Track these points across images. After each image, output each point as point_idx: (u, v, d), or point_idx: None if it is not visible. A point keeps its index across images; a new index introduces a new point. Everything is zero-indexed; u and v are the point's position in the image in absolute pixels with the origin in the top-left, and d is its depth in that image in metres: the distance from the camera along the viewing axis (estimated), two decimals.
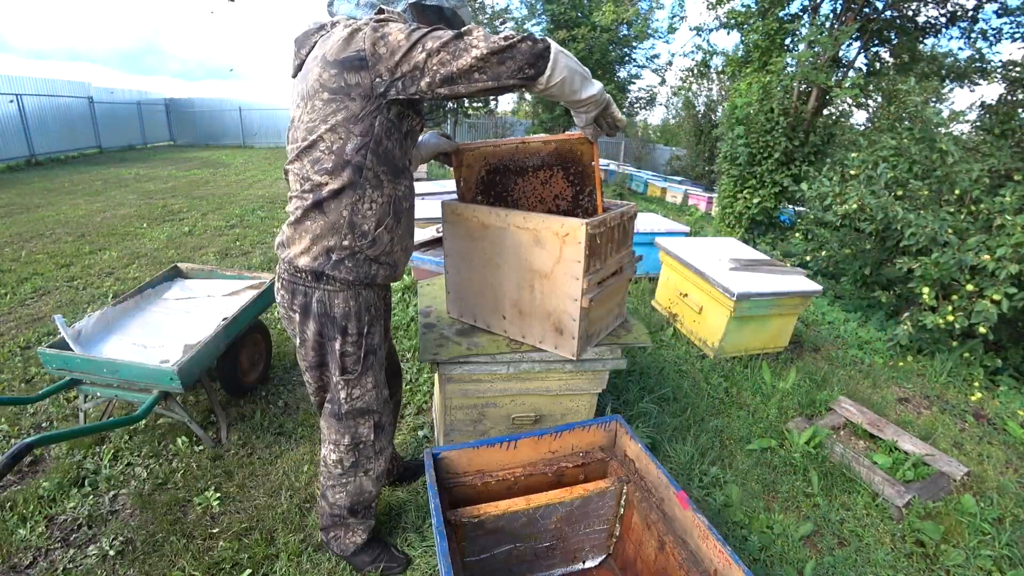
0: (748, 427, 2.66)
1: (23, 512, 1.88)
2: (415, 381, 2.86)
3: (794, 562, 1.89)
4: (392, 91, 1.18)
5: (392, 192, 1.34)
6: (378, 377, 1.50)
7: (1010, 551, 1.98)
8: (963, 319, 3.14)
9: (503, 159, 1.72)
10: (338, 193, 1.26)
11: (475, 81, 1.13)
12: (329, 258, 1.30)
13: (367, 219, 1.30)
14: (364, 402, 1.49)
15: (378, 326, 1.46)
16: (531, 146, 1.66)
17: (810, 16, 6.50)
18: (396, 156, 1.31)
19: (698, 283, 3.41)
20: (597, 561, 1.67)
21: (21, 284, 4.03)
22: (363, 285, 1.37)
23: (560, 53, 1.16)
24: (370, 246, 1.33)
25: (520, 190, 1.74)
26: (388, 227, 1.35)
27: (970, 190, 3.45)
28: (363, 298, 1.39)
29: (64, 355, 2.03)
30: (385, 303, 1.57)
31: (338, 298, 1.36)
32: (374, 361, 1.47)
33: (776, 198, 6.53)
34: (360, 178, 1.26)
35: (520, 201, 1.75)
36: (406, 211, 1.41)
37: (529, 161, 1.68)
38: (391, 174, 1.32)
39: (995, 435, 2.80)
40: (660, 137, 20.28)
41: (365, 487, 1.60)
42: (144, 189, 8.47)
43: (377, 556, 1.69)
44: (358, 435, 1.52)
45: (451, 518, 1.37)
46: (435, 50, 1.11)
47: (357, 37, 1.16)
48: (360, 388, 1.46)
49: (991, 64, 5.82)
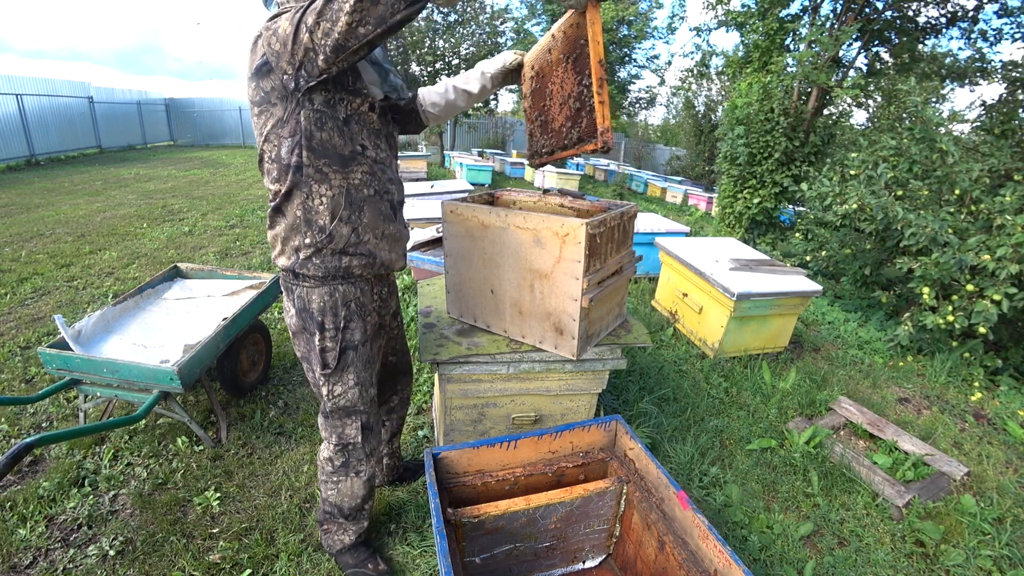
0: (748, 427, 2.66)
1: (23, 512, 1.88)
2: (415, 381, 2.86)
3: (794, 562, 1.89)
4: (302, 82, 1.15)
5: (343, 183, 1.30)
6: (361, 375, 1.46)
7: (1010, 551, 1.98)
8: (963, 319, 3.14)
9: (539, 60, 1.53)
10: (288, 196, 1.28)
11: (364, 36, 1.04)
12: (298, 257, 1.33)
13: (320, 215, 1.29)
14: (347, 400, 1.46)
15: (359, 322, 1.43)
16: (551, 39, 1.46)
17: (810, 16, 6.49)
18: (338, 145, 1.27)
19: (698, 283, 3.41)
20: (597, 561, 1.67)
21: (21, 284, 4.03)
22: (339, 279, 1.37)
23: None
24: (329, 240, 1.31)
25: (551, 94, 1.52)
26: (345, 219, 1.32)
27: (970, 190, 3.45)
28: (340, 293, 1.38)
29: (64, 355, 2.03)
30: (377, 297, 1.51)
31: (315, 294, 1.36)
32: (355, 358, 1.44)
33: (776, 198, 6.53)
34: (302, 177, 1.25)
35: (550, 108, 1.52)
36: (369, 198, 1.35)
37: (550, 57, 1.48)
38: (337, 164, 1.28)
39: (995, 435, 2.80)
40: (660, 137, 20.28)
41: (356, 490, 1.58)
42: (144, 189, 8.47)
43: (360, 562, 1.68)
44: (345, 436, 1.51)
45: (451, 518, 1.37)
46: (315, 25, 1.04)
47: (258, 44, 1.17)
48: (341, 385, 1.44)
49: (991, 64, 5.82)
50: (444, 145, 14.77)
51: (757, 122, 6.47)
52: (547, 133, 1.55)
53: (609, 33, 12.81)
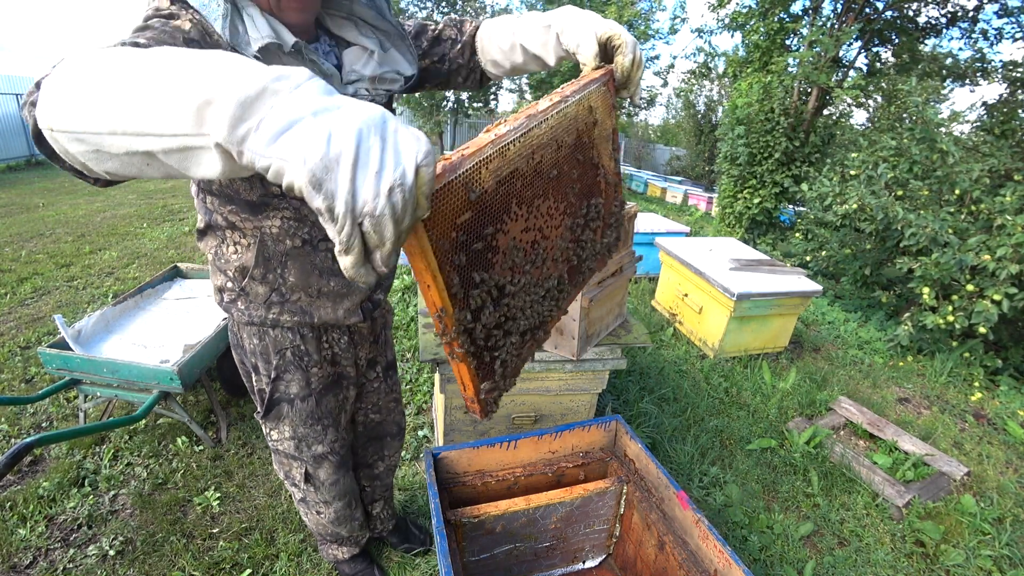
0: (748, 427, 2.66)
1: (23, 512, 1.88)
2: (415, 381, 2.86)
3: (794, 562, 1.89)
4: None
5: (256, 231, 1.02)
6: (300, 431, 1.26)
7: (1010, 551, 1.98)
8: (963, 319, 3.14)
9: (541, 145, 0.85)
10: (203, 234, 1.09)
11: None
12: (221, 297, 1.14)
13: (230, 264, 1.07)
14: (284, 448, 1.30)
15: (298, 373, 1.19)
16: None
17: (811, 16, 6.50)
18: (241, 188, 0.98)
19: (698, 283, 3.41)
20: (597, 561, 1.67)
21: (21, 284, 4.03)
22: (267, 325, 1.14)
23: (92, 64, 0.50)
24: (246, 295, 1.10)
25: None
26: (259, 277, 1.06)
27: (970, 190, 3.45)
28: (272, 338, 1.15)
29: (64, 355, 2.03)
30: (330, 346, 1.23)
31: (245, 333, 1.17)
32: (290, 412, 1.23)
33: (776, 198, 6.53)
34: (211, 220, 1.05)
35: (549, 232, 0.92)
36: (294, 250, 1.05)
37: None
38: (246, 211, 1.00)
39: (995, 435, 2.80)
40: (660, 137, 20.29)
41: (323, 522, 1.47)
42: (144, 189, 8.47)
43: (357, 572, 1.67)
44: (291, 476, 1.37)
45: (451, 518, 1.37)
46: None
47: None
48: (277, 433, 1.28)
49: (991, 64, 5.82)
50: (444, 145, 14.77)
51: (757, 122, 6.47)
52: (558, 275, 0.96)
53: None
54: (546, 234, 0.85)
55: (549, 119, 0.79)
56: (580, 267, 0.96)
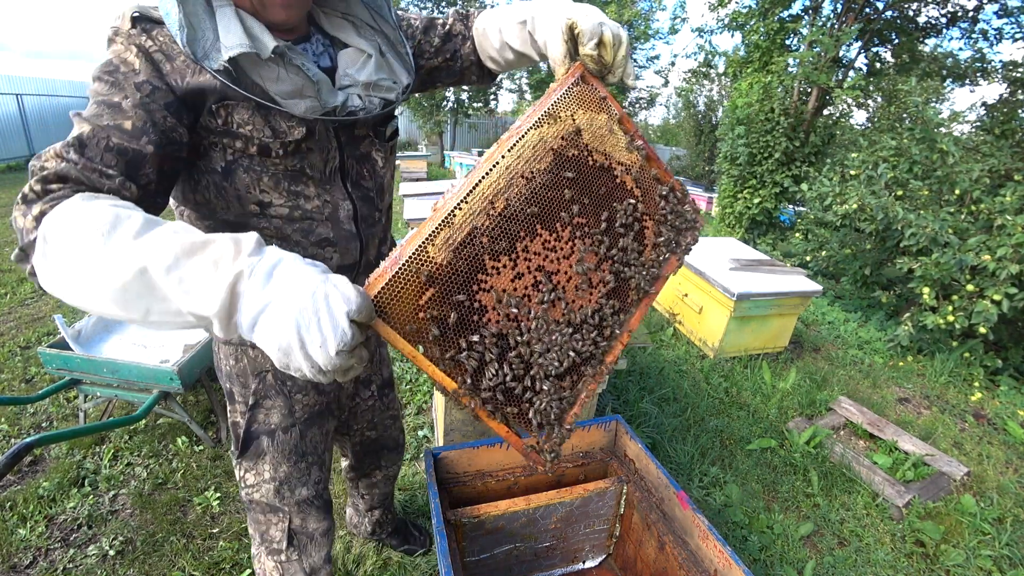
0: (748, 427, 2.66)
1: (23, 512, 1.88)
2: (415, 381, 2.86)
3: (794, 562, 1.89)
4: None
5: None
6: (282, 470, 1.09)
7: (1010, 551, 1.98)
8: (963, 319, 3.14)
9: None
10: None
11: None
12: None
13: None
14: (262, 495, 1.10)
15: (280, 400, 1.06)
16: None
17: (811, 16, 6.50)
18: (217, 207, 0.89)
19: (698, 283, 3.41)
20: (597, 561, 1.67)
21: (21, 284, 4.03)
22: (247, 343, 1.02)
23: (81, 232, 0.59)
24: None
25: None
26: None
27: (970, 190, 3.45)
28: (250, 358, 1.03)
29: (64, 355, 2.03)
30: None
31: (223, 352, 1.06)
32: (270, 447, 1.07)
33: (776, 198, 6.53)
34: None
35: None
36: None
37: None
38: (226, 230, 0.84)
39: (995, 435, 2.80)
40: (660, 137, 20.29)
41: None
42: None
43: None
44: (268, 537, 1.14)
45: (451, 518, 1.37)
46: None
47: None
48: (254, 475, 1.09)
49: (991, 64, 5.82)
50: (444, 145, 14.77)
51: (757, 122, 6.47)
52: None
53: None
54: (552, 269, 0.81)
55: (500, 162, 0.78)
56: (628, 283, 0.88)
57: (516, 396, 0.80)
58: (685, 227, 0.93)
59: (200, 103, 0.79)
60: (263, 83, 0.79)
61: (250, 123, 0.82)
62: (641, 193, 0.90)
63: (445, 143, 15.27)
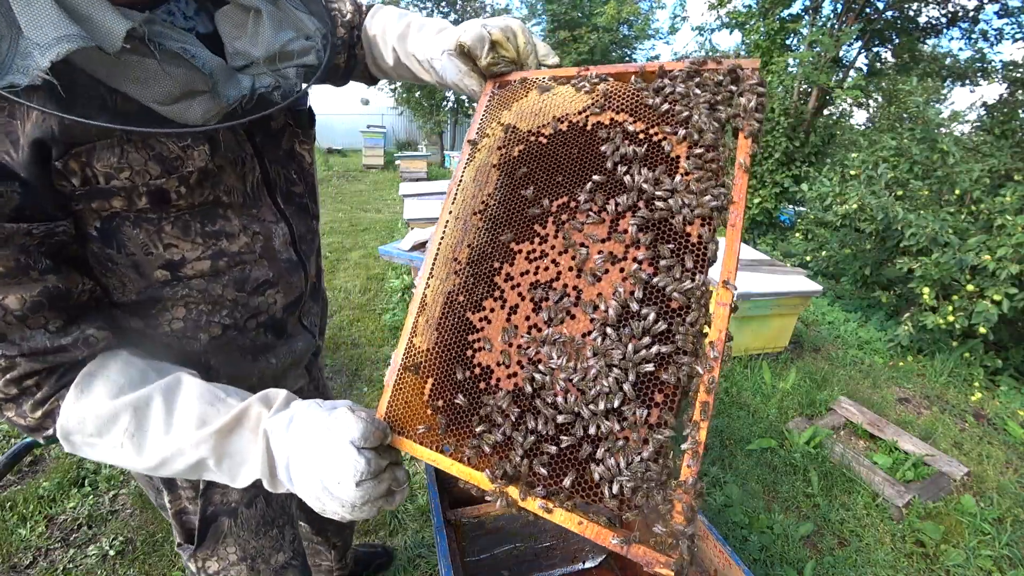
0: (748, 427, 2.66)
1: (23, 512, 1.88)
2: None
3: (794, 562, 1.89)
4: None
5: (153, 341, 0.72)
6: (250, 546, 0.92)
7: (1010, 551, 1.98)
8: (963, 319, 3.14)
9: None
10: None
11: None
12: None
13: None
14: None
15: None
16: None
17: (811, 16, 6.50)
18: (113, 287, 0.66)
19: None
20: (597, 561, 1.67)
21: None
22: None
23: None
24: None
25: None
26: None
27: (970, 190, 3.45)
28: None
29: None
30: None
31: None
32: (234, 526, 0.91)
33: (776, 198, 6.53)
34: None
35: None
36: (214, 344, 0.76)
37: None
38: (135, 315, 0.69)
39: (995, 435, 2.80)
40: None
41: None
42: None
43: None
44: None
45: (451, 518, 1.37)
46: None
47: None
48: (216, 560, 0.91)
49: (992, 64, 5.83)
50: (444, 145, 14.77)
51: None
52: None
53: (610, 33, 12.82)
54: (549, 276, 0.69)
55: (448, 218, 0.76)
56: (673, 218, 0.64)
57: (568, 459, 0.58)
58: (719, 94, 0.67)
59: (45, 163, 0.52)
60: (124, 91, 0.53)
61: (123, 166, 0.55)
62: (627, 114, 0.71)
63: (445, 143, 15.26)
